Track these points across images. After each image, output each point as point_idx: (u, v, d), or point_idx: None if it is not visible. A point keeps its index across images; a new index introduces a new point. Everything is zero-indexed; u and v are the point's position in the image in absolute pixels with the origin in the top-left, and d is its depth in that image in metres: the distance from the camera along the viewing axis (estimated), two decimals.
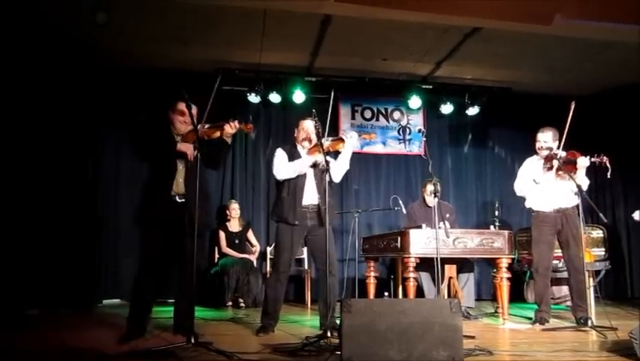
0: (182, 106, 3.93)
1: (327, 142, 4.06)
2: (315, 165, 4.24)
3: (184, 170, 3.92)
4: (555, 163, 4.66)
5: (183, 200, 3.85)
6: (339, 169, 4.25)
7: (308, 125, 4.33)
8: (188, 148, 3.84)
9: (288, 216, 4.19)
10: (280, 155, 4.32)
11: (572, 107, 4.68)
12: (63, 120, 6.14)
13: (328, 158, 3.99)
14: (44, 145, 5.87)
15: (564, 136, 4.76)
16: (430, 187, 5.73)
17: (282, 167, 4.25)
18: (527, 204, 5.03)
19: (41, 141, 5.83)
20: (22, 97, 5.55)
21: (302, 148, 4.35)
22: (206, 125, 3.81)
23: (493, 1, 5.06)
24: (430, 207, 5.70)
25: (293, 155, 4.32)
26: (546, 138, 4.86)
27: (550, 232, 4.85)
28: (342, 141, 4.24)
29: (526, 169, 5.01)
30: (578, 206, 4.58)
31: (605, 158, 4.49)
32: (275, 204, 4.36)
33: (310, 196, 4.24)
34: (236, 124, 3.93)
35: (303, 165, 4.22)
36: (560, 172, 4.66)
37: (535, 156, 5.00)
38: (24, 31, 5.53)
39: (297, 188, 4.22)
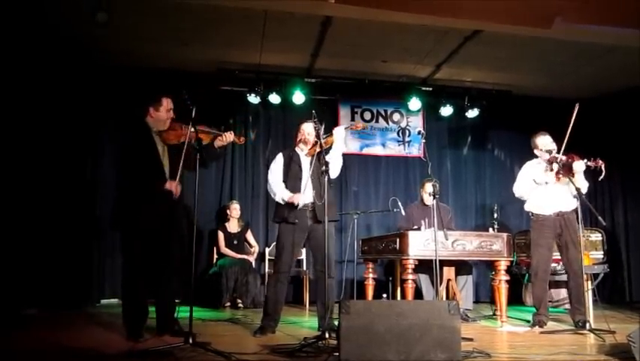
0: (169, 102, 3.93)
1: (322, 140, 4.09)
2: (295, 206, 4.24)
3: (168, 171, 3.92)
4: (555, 167, 4.66)
5: (169, 198, 3.84)
6: (332, 164, 4.27)
7: (304, 128, 4.40)
8: (172, 186, 3.80)
9: (288, 215, 4.23)
10: (276, 166, 4.41)
11: (576, 109, 4.67)
12: (62, 120, 6.14)
13: (326, 159, 4.00)
14: (43, 145, 5.86)
15: (566, 139, 4.76)
16: (428, 187, 5.72)
17: (273, 186, 4.35)
18: (527, 208, 5.02)
19: (40, 140, 5.82)
20: (21, 97, 5.54)
21: (300, 150, 4.40)
22: (192, 129, 3.73)
23: (494, 4, 5.07)
24: (427, 206, 5.70)
25: (292, 158, 4.39)
26: (549, 140, 4.86)
27: (549, 235, 4.84)
28: (332, 134, 4.31)
29: (527, 172, 5.00)
30: (577, 209, 4.59)
31: (600, 162, 4.50)
32: (276, 206, 4.41)
33: (308, 196, 4.27)
34: (227, 136, 3.92)
35: (285, 197, 4.27)
36: (560, 175, 4.66)
37: (534, 160, 5.00)
38: (24, 30, 5.53)
39: (296, 188, 4.28)
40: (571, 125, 4.70)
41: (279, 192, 4.32)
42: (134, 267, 3.82)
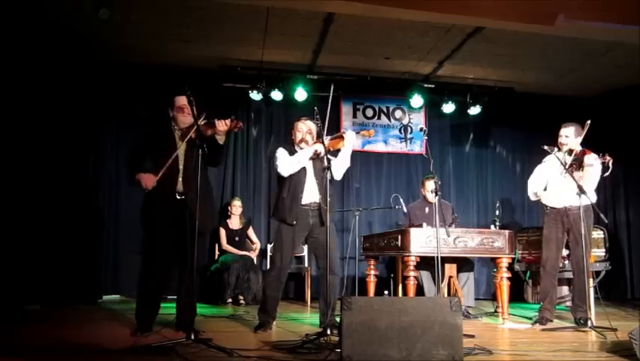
0: (182, 101, 3.93)
1: (326, 141, 4.05)
2: (317, 155, 4.20)
3: (182, 169, 3.91)
4: (569, 159, 4.65)
5: (183, 197, 3.87)
6: (340, 166, 4.24)
7: (302, 126, 4.33)
8: (146, 179, 3.80)
9: (287, 216, 4.17)
10: (282, 153, 4.30)
11: (586, 127, 4.67)
12: (65, 117, 6.14)
13: (329, 156, 3.98)
14: (46, 141, 5.86)
15: (577, 149, 4.76)
16: (429, 184, 5.73)
17: (286, 162, 4.22)
18: (543, 201, 5.02)
19: (43, 137, 5.82)
20: (24, 93, 5.54)
21: (300, 149, 4.33)
22: (202, 122, 3.76)
23: (496, 0, 5.06)
24: (430, 203, 5.70)
25: (293, 154, 4.31)
26: (567, 133, 4.84)
27: (560, 230, 4.85)
28: (342, 138, 4.24)
29: (540, 172, 5.00)
30: (587, 206, 4.58)
31: (608, 158, 4.49)
32: (275, 204, 4.34)
33: (311, 195, 4.22)
34: (227, 122, 3.86)
35: (304, 155, 4.20)
36: (570, 169, 4.64)
37: (550, 156, 4.95)
38: (26, 27, 5.53)
39: (297, 187, 4.20)
40: (580, 139, 4.73)
41: (297, 156, 4.20)
42: (148, 264, 3.95)
